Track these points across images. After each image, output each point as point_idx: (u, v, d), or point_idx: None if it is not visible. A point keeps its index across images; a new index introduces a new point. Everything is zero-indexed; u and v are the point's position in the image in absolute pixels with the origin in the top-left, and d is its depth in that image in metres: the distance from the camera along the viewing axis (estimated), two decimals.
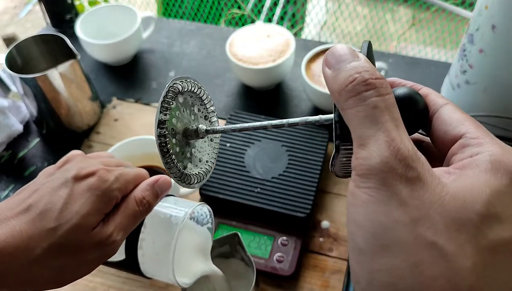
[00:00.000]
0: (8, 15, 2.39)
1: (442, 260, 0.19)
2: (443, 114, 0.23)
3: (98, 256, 0.35)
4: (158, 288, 0.58)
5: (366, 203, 0.20)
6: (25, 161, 0.74)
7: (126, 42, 0.83)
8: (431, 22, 1.43)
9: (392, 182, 0.20)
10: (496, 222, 0.19)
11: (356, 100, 0.21)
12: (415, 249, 0.19)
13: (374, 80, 0.21)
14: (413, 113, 0.23)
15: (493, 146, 0.21)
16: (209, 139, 0.32)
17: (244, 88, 0.83)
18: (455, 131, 0.22)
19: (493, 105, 0.62)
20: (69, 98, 0.72)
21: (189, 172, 0.30)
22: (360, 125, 0.21)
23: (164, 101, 0.28)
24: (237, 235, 0.49)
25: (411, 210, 0.19)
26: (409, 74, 0.84)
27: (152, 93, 0.83)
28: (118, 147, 0.64)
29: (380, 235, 0.20)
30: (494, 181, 0.20)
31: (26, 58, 0.74)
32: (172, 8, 1.50)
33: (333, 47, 0.23)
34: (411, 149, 0.20)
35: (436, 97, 0.24)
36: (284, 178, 0.63)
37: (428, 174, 0.20)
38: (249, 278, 0.49)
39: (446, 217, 0.19)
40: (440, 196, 0.20)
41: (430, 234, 0.19)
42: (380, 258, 0.20)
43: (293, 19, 1.52)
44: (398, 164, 0.20)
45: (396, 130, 0.21)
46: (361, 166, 0.21)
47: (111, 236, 0.35)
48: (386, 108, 0.21)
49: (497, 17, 0.55)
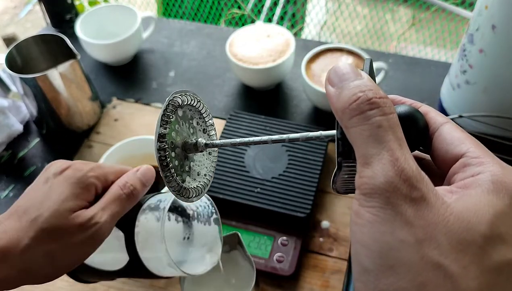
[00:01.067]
0: (8, 15, 2.39)
1: (448, 281, 0.19)
2: (444, 133, 0.24)
3: (85, 239, 0.37)
4: (158, 288, 0.58)
5: (371, 222, 0.20)
6: (25, 161, 0.74)
7: (126, 42, 0.83)
8: (431, 22, 1.43)
9: (397, 202, 0.20)
10: (500, 242, 0.20)
11: (360, 119, 0.21)
12: (421, 269, 0.19)
13: (378, 99, 0.22)
14: (414, 131, 0.24)
15: (494, 165, 0.21)
16: (208, 153, 0.32)
17: (244, 88, 0.83)
18: (456, 150, 0.23)
19: (493, 105, 0.62)
20: (69, 98, 0.72)
21: (188, 186, 0.30)
22: (364, 144, 0.21)
23: (164, 115, 0.28)
24: (237, 235, 0.49)
25: (416, 230, 0.20)
26: (409, 74, 0.84)
27: (152, 93, 0.83)
28: (118, 147, 0.64)
29: (385, 254, 0.20)
30: (496, 201, 0.20)
31: (26, 58, 0.74)
32: (172, 8, 1.50)
33: (336, 66, 0.23)
34: (415, 169, 0.21)
35: (436, 115, 0.25)
36: (284, 178, 0.63)
37: (432, 193, 0.20)
38: (249, 278, 0.49)
39: (451, 237, 0.19)
40: (445, 217, 0.20)
41: (436, 254, 0.19)
42: (385, 278, 0.20)
43: (293, 19, 1.52)
44: (402, 184, 0.20)
45: (400, 150, 0.21)
46: (365, 185, 0.21)
47: (93, 218, 0.38)
48: (390, 128, 0.21)
49: (497, 17, 0.55)
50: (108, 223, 0.38)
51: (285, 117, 0.77)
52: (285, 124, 0.69)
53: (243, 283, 0.49)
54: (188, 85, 0.84)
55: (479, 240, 0.19)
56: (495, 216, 0.20)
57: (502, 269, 0.19)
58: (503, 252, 0.19)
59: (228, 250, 0.50)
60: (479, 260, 0.19)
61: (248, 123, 0.70)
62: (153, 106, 0.81)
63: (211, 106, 0.80)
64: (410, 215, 0.20)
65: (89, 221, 0.37)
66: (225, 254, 0.51)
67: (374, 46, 1.47)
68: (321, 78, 0.73)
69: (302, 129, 0.69)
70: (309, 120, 0.77)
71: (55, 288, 0.59)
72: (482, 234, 0.19)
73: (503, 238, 0.20)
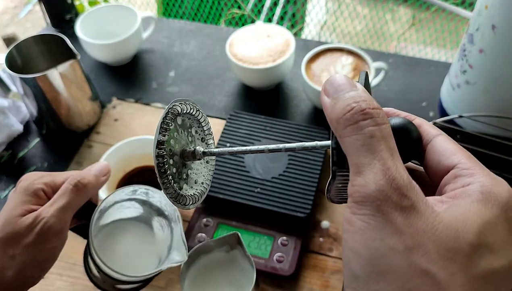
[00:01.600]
0: (8, 15, 2.39)
1: (435, 288, 0.19)
2: (437, 145, 0.24)
3: (37, 236, 0.40)
4: (158, 288, 0.58)
5: (362, 229, 0.21)
6: (25, 161, 0.74)
7: (126, 42, 0.83)
8: (431, 22, 1.43)
9: (387, 210, 0.20)
10: (487, 252, 0.20)
11: (354, 129, 0.22)
12: (409, 276, 0.20)
13: (372, 110, 0.22)
14: (408, 143, 0.24)
15: (484, 177, 0.22)
16: (205, 162, 0.33)
17: (244, 88, 0.83)
18: (448, 162, 0.23)
19: (493, 105, 0.62)
20: (69, 98, 0.72)
21: (185, 193, 0.31)
22: (357, 154, 0.22)
23: (164, 122, 0.29)
24: (237, 235, 0.49)
25: (405, 238, 0.20)
26: (409, 74, 0.84)
27: (152, 93, 0.83)
28: (118, 147, 0.64)
29: (375, 261, 0.20)
30: (485, 211, 0.21)
31: (26, 58, 0.74)
32: (172, 8, 1.50)
33: (332, 77, 0.24)
34: (406, 178, 0.21)
35: (429, 127, 0.25)
36: (284, 178, 0.63)
37: (422, 202, 0.21)
38: (249, 278, 0.49)
39: (439, 245, 0.20)
40: (434, 225, 0.20)
41: (424, 262, 0.20)
42: (375, 284, 0.20)
43: (293, 19, 1.52)
44: (393, 192, 0.21)
45: (391, 159, 0.21)
46: (357, 193, 0.21)
47: (39, 215, 0.40)
48: (382, 138, 0.22)
49: (497, 17, 0.55)
50: (55, 216, 0.41)
51: (285, 117, 0.77)
52: (285, 124, 0.69)
53: (243, 283, 0.49)
54: (188, 85, 0.84)
55: (467, 248, 0.20)
56: (483, 226, 0.20)
57: (488, 277, 0.20)
58: (490, 261, 0.20)
59: (228, 250, 0.50)
60: (466, 268, 0.19)
61: (248, 123, 0.70)
62: (153, 106, 0.81)
63: (211, 106, 0.80)
64: (400, 223, 0.20)
65: (36, 219, 0.40)
66: (225, 254, 0.51)
67: (374, 46, 1.47)
68: (321, 78, 0.73)
69: (302, 129, 0.69)
70: (309, 120, 0.77)
71: (55, 288, 0.59)
72: (470, 243, 0.20)
73: (490, 247, 0.20)
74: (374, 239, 0.20)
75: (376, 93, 0.80)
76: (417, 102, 0.79)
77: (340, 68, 0.74)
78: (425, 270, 0.19)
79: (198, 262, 0.50)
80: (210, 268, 0.50)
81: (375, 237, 0.20)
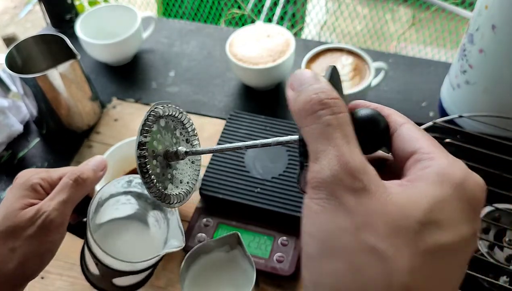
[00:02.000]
0: (8, 15, 2.39)
1: (380, 262, 0.20)
2: (403, 133, 0.25)
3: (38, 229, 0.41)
4: (158, 288, 0.58)
5: (317, 213, 0.22)
6: (25, 161, 0.74)
7: (126, 42, 0.83)
8: (431, 22, 1.43)
9: (341, 193, 0.21)
10: (436, 228, 0.21)
11: (312, 119, 0.23)
12: (358, 253, 0.20)
13: (329, 100, 0.23)
14: (375, 132, 0.25)
15: (441, 159, 0.23)
16: (191, 162, 0.34)
17: (244, 88, 0.83)
18: (411, 148, 0.24)
19: (493, 105, 0.62)
20: (69, 98, 0.72)
21: (169, 192, 0.31)
22: (314, 141, 0.23)
23: (145, 124, 0.29)
24: (237, 235, 0.49)
25: (355, 217, 0.21)
26: (409, 74, 0.84)
27: (152, 93, 0.83)
28: (118, 147, 0.64)
29: (327, 241, 0.21)
30: (436, 191, 0.22)
31: (26, 58, 0.74)
32: (172, 8, 1.50)
33: (298, 71, 0.25)
34: (360, 163, 0.22)
35: (397, 117, 0.26)
36: (284, 178, 0.63)
37: (374, 184, 0.22)
38: (249, 278, 0.49)
39: (388, 223, 0.21)
40: (384, 205, 0.21)
41: (372, 239, 0.20)
42: (327, 264, 0.21)
43: (293, 19, 1.52)
44: (346, 176, 0.21)
45: (346, 145, 0.22)
46: (314, 179, 0.22)
47: (41, 209, 0.41)
48: (338, 126, 0.23)
49: (497, 17, 0.55)
50: (56, 210, 0.41)
51: (285, 117, 0.77)
52: (285, 124, 0.69)
53: (243, 283, 0.49)
54: (188, 85, 0.84)
55: (415, 225, 0.20)
56: (434, 204, 0.21)
57: (436, 252, 0.20)
58: (438, 236, 0.21)
59: (228, 250, 0.51)
60: (413, 243, 0.20)
61: (248, 123, 0.70)
62: None
63: (211, 106, 0.80)
64: (351, 204, 0.21)
65: (37, 213, 0.41)
66: (225, 254, 0.51)
67: (374, 46, 1.47)
68: None
69: None
70: None
71: (55, 288, 0.59)
72: (418, 220, 0.21)
73: (439, 224, 0.21)
74: (327, 221, 0.21)
75: (376, 93, 0.80)
76: (417, 102, 0.79)
77: (340, 68, 0.74)
78: (373, 247, 0.20)
79: (198, 262, 0.50)
80: (210, 268, 0.50)
81: (329, 219, 0.21)
